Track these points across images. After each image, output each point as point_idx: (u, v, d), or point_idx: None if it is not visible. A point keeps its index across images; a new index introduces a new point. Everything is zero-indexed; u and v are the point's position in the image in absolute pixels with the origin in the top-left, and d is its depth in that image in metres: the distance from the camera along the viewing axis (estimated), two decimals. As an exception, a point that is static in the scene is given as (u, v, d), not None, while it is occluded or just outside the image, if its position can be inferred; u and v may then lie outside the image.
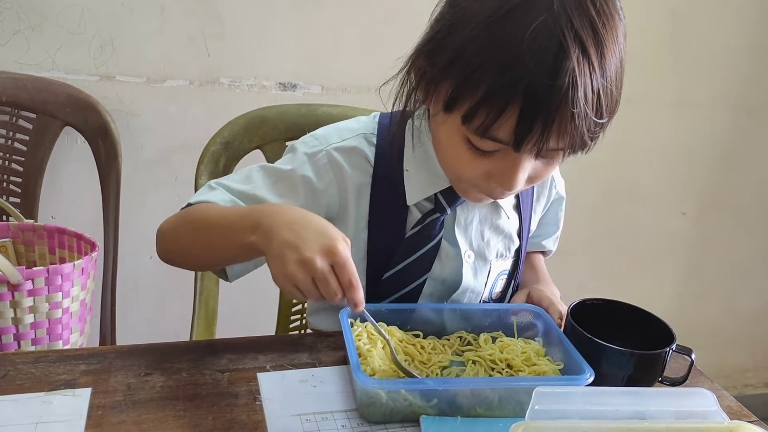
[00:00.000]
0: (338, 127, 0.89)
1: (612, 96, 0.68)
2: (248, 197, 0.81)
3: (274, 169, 0.85)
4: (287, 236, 0.65)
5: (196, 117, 1.41)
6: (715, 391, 0.76)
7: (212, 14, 1.36)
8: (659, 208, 1.88)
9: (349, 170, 0.85)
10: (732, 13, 1.70)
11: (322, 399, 0.72)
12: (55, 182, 1.38)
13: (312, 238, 0.64)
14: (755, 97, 1.82)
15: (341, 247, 0.65)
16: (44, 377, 0.71)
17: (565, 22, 0.63)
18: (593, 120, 0.67)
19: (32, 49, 1.30)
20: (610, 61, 0.66)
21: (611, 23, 0.66)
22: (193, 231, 0.79)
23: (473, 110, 0.67)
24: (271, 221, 0.68)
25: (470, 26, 0.66)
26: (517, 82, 0.64)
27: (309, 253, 0.64)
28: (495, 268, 0.93)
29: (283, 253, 0.65)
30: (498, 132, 0.68)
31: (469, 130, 0.70)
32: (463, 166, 0.75)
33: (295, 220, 0.67)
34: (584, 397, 0.63)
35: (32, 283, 1.00)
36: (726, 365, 2.19)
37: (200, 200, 0.80)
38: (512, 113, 0.65)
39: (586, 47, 0.64)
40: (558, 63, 0.63)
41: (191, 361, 0.76)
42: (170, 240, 0.82)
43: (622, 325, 0.83)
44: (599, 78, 0.65)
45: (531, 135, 0.66)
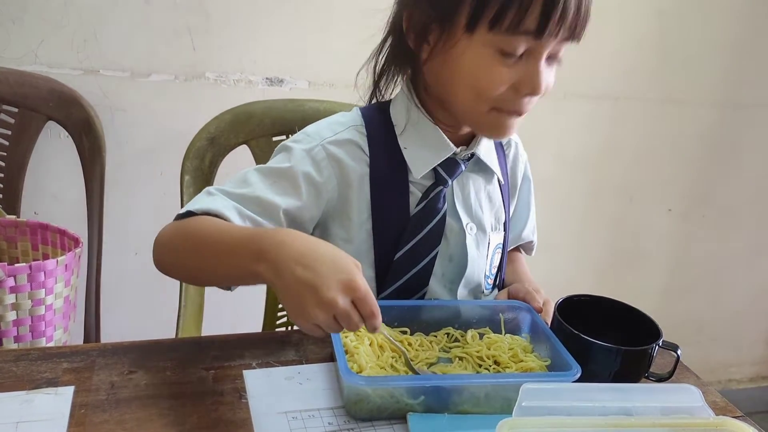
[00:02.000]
0: (328, 123, 0.90)
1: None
2: (251, 200, 0.80)
3: (270, 169, 0.84)
4: (301, 274, 0.62)
5: (182, 112, 1.40)
6: (701, 386, 0.76)
7: (198, 8, 1.34)
8: (645, 205, 1.89)
9: (348, 162, 0.86)
10: (718, 13, 1.71)
11: (309, 396, 0.71)
12: (37, 177, 1.36)
13: (329, 274, 0.61)
14: (741, 95, 1.83)
15: (360, 281, 0.62)
16: (26, 375, 0.70)
17: None
18: (589, 8, 0.77)
19: (13, 43, 1.28)
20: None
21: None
22: (192, 250, 0.76)
23: (502, 11, 0.73)
24: (277, 253, 0.65)
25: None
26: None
27: (330, 293, 0.61)
28: (493, 240, 0.95)
29: (300, 294, 0.62)
30: (527, 23, 0.73)
31: (499, 33, 0.75)
32: (497, 79, 0.78)
33: (304, 253, 0.63)
34: (571, 394, 0.63)
35: (14, 280, 0.98)
36: (710, 360, 2.21)
37: (199, 208, 0.77)
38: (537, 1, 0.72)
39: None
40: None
41: (176, 359, 0.75)
42: (167, 254, 0.79)
43: (609, 321, 0.83)
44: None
45: (553, 17, 0.73)
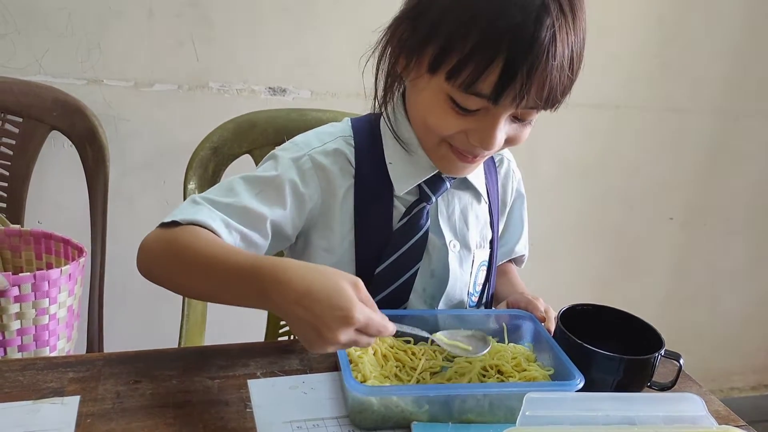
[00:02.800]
0: (317, 132, 0.90)
1: (581, 56, 0.75)
2: (237, 211, 0.79)
3: (257, 178, 0.84)
4: (303, 315, 0.63)
5: (185, 122, 1.41)
6: (703, 395, 0.77)
7: (202, 18, 1.35)
8: (646, 213, 1.90)
9: (334, 173, 0.86)
10: (718, 21, 1.72)
11: (313, 406, 0.72)
12: (41, 187, 1.37)
13: (325, 314, 0.62)
14: (741, 104, 1.84)
15: (357, 313, 0.62)
16: (32, 385, 0.70)
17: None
18: (567, 75, 0.73)
19: (18, 53, 1.29)
20: (579, 23, 0.73)
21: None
22: (184, 270, 0.75)
23: (460, 65, 0.71)
24: (278, 294, 0.64)
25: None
26: (503, 35, 0.69)
27: (330, 334, 0.62)
28: (477, 257, 0.95)
29: (306, 333, 0.64)
30: (482, 86, 0.72)
31: (454, 87, 0.73)
32: (445, 124, 0.78)
33: (302, 294, 0.63)
34: (574, 403, 0.63)
35: (19, 289, 0.99)
36: (712, 369, 2.21)
37: (185, 219, 0.76)
38: (497, 65, 0.70)
39: (562, 7, 0.71)
40: (540, 18, 0.69)
41: (181, 368, 0.76)
42: (156, 267, 0.78)
43: (611, 330, 0.83)
44: (572, 36, 0.72)
45: (512, 87, 0.71)
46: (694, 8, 1.68)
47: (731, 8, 1.72)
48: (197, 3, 1.34)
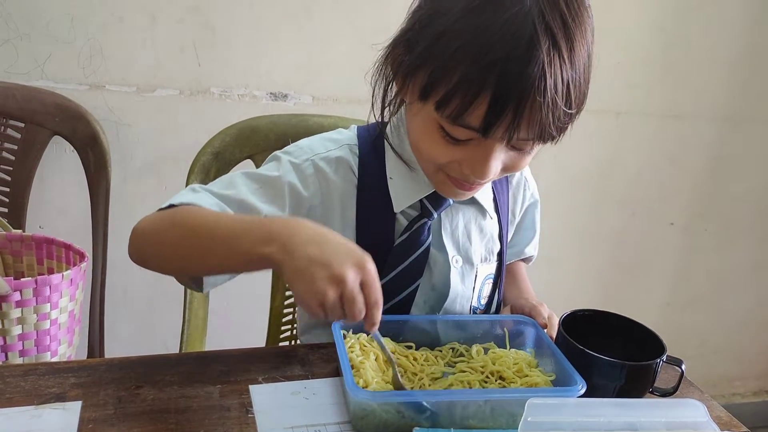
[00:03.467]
0: (322, 138, 0.90)
1: (580, 88, 0.71)
2: (234, 202, 0.79)
3: (258, 175, 0.84)
4: (313, 252, 0.63)
5: (187, 127, 1.41)
6: (705, 401, 0.77)
7: (203, 24, 1.36)
8: (647, 219, 1.90)
9: (335, 180, 0.86)
10: (719, 28, 1.73)
11: (315, 411, 0.72)
12: (43, 192, 1.37)
13: (341, 253, 0.63)
14: (741, 110, 1.84)
15: (370, 265, 0.64)
16: (34, 390, 0.70)
17: (537, 14, 0.66)
18: (562, 110, 0.70)
19: (21, 58, 1.29)
20: (579, 54, 0.69)
21: (580, 19, 0.70)
22: (183, 234, 0.74)
23: (447, 96, 0.70)
24: (289, 236, 0.65)
25: (447, 16, 0.69)
26: (490, 69, 0.67)
27: (341, 268, 0.62)
28: (481, 272, 0.94)
29: (311, 271, 0.63)
30: (470, 119, 0.70)
31: (443, 117, 0.72)
32: (437, 153, 0.77)
33: (316, 238, 0.64)
34: (576, 409, 0.63)
35: (20, 294, 0.99)
36: (713, 374, 2.20)
37: (184, 202, 0.77)
38: (484, 99, 0.68)
39: (556, 39, 0.67)
40: (529, 52, 0.66)
41: (182, 374, 0.76)
42: (150, 241, 0.78)
43: (612, 335, 0.83)
44: (569, 69, 0.69)
45: (501, 121, 0.69)
46: (695, 15, 1.69)
47: (732, 15, 1.72)
48: (199, 9, 1.35)
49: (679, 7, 1.67)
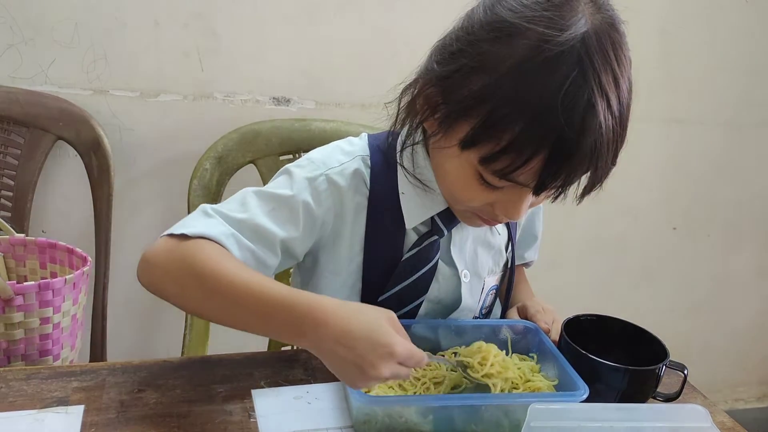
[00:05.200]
0: (333, 150, 0.87)
1: (623, 142, 0.72)
2: (249, 228, 0.77)
3: (271, 195, 0.81)
4: (345, 355, 0.63)
5: (190, 131, 1.41)
6: (709, 406, 0.77)
7: (206, 29, 1.36)
8: (650, 223, 1.89)
9: (349, 194, 0.84)
10: (722, 32, 1.73)
11: (317, 416, 0.72)
12: (46, 196, 1.37)
13: (368, 353, 0.63)
14: (745, 114, 1.84)
15: (399, 349, 0.63)
16: (36, 394, 0.70)
17: (593, 76, 0.65)
18: (610, 168, 0.72)
19: (25, 63, 1.30)
20: (626, 108, 0.70)
21: (626, 71, 0.70)
22: (205, 293, 0.71)
23: (497, 155, 0.68)
24: (316, 334, 0.65)
25: (497, 72, 0.67)
26: (546, 136, 0.66)
27: (374, 372, 0.63)
28: (487, 284, 0.94)
29: (348, 371, 0.64)
30: (519, 177, 0.70)
31: (487, 171, 0.71)
32: (470, 196, 0.76)
33: (342, 333, 0.64)
34: (579, 414, 0.63)
35: (23, 298, 0.99)
36: (717, 380, 2.20)
37: (196, 232, 0.73)
38: (537, 162, 0.67)
39: (610, 101, 0.67)
40: (587, 119, 0.66)
41: (185, 378, 0.76)
42: (163, 278, 0.75)
43: (615, 340, 0.83)
44: (619, 129, 0.69)
45: (554, 183, 0.70)
46: (698, 19, 1.69)
47: (736, 20, 1.72)
48: (202, 14, 1.35)
49: (682, 11, 1.67)
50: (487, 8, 0.72)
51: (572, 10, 0.67)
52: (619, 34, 0.69)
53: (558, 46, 0.65)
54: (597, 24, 0.67)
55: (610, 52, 0.67)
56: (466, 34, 0.73)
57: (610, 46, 0.67)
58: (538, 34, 0.66)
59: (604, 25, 0.68)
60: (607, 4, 0.71)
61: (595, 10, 0.68)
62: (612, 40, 0.68)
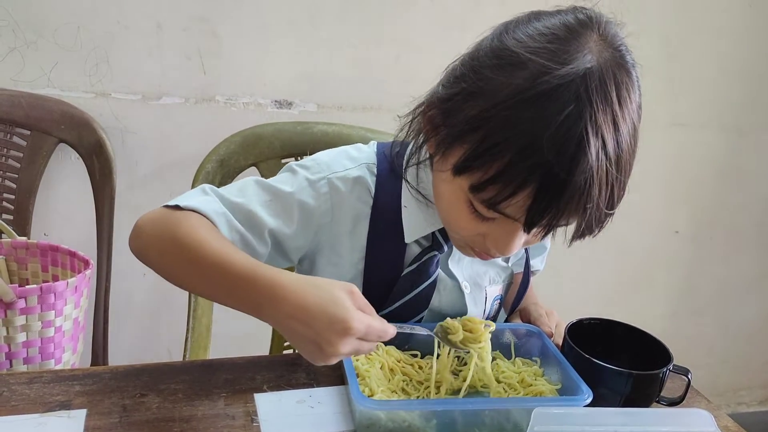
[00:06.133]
0: (340, 155, 0.87)
1: (624, 187, 0.69)
2: (241, 211, 0.78)
3: (271, 186, 0.82)
4: (302, 331, 0.62)
5: (192, 135, 1.41)
6: (712, 410, 0.76)
7: (208, 32, 1.36)
8: (653, 228, 1.89)
9: (350, 201, 0.83)
10: (724, 37, 1.73)
11: (320, 420, 0.71)
12: (48, 199, 1.37)
13: (324, 329, 0.61)
14: (747, 119, 1.84)
15: (356, 324, 0.61)
16: (39, 398, 0.70)
17: (590, 114, 0.63)
18: (604, 212, 0.68)
19: (27, 66, 1.30)
20: (627, 153, 0.67)
21: (630, 113, 0.67)
22: (181, 262, 0.72)
23: (485, 184, 0.67)
24: (274, 308, 0.64)
25: (493, 100, 0.66)
26: (534, 169, 0.64)
27: (332, 348, 0.61)
28: (490, 294, 0.93)
29: (306, 348, 0.63)
30: (507, 208, 0.68)
31: (476, 199, 0.70)
32: (462, 225, 0.75)
33: (298, 308, 0.63)
34: (583, 418, 0.63)
35: (25, 302, 0.99)
36: (719, 383, 2.19)
37: (190, 206, 0.75)
38: (525, 195, 0.66)
39: (606, 142, 0.64)
40: (578, 158, 0.63)
41: (187, 382, 0.76)
42: (151, 246, 0.76)
43: (618, 344, 0.83)
44: (614, 172, 0.66)
45: (541, 219, 0.67)
46: (701, 24, 1.69)
47: (739, 24, 1.72)
48: (204, 17, 1.35)
49: (684, 15, 1.67)
50: (496, 36, 0.72)
51: (579, 45, 0.65)
52: (627, 75, 0.67)
53: (556, 80, 0.63)
54: (604, 61, 0.65)
55: (612, 91, 0.65)
56: (471, 59, 0.72)
57: (613, 85, 0.65)
58: (538, 65, 0.64)
59: (611, 63, 0.66)
60: (619, 42, 0.69)
61: (605, 47, 0.66)
62: (617, 80, 0.65)
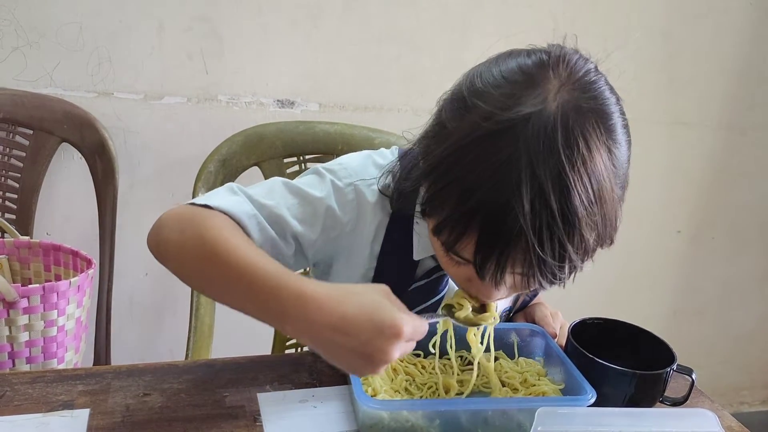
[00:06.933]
0: (366, 160, 0.85)
1: (582, 242, 0.63)
2: (270, 214, 0.76)
3: (299, 190, 0.80)
4: (343, 343, 0.59)
5: (194, 134, 1.41)
6: (716, 411, 0.76)
7: (211, 32, 1.36)
8: (654, 227, 1.89)
9: (374, 211, 0.82)
10: (725, 35, 1.72)
11: (323, 420, 0.71)
12: (51, 199, 1.37)
13: (374, 338, 0.58)
14: (749, 117, 1.84)
15: (407, 328, 0.59)
16: (42, 398, 0.70)
17: (526, 162, 0.60)
18: (553, 263, 0.63)
19: (30, 66, 1.30)
20: (579, 206, 0.61)
21: (587, 163, 0.61)
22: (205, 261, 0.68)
23: (439, 227, 0.67)
24: (305, 317, 0.60)
25: (444, 145, 0.66)
26: (474, 213, 0.63)
27: (383, 356, 0.59)
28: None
29: (353, 362, 0.60)
30: (463, 252, 0.66)
31: (438, 242, 0.69)
32: (445, 267, 0.74)
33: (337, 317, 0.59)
34: (586, 418, 0.63)
35: (28, 301, 0.99)
36: (721, 383, 2.19)
37: (219, 206, 0.72)
38: (471, 240, 0.64)
39: (544, 192, 0.60)
40: (512, 204, 0.60)
41: (190, 381, 0.76)
42: (171, 247, 0.72)
43: (622, 344, 0.83)
44: (560, 226, 0.61)
45: (490, 263, 0.64)
46: (702, 23, 1.69)
47: (739, 23, 1.72)
48: (207, 17, 1.35)
49: (685, 14, 1.66)
50: (462, 80, 0.70)
51: (532, 87, 0.63)
52: (591, 119, 0.62)
53: (497, 125, 0.61)
54: (558, 106, 0.61)
55: (559, 138, 0.60)
56: (442, 100, 0.71)
57: (561, 131, 0.60)
58: (483, 111, 0.63)
59: (568, 107, 0.62)
60: (588, 81, 0.65)
61: (566, 90, 0.63)
62: (568, 126, 0.61)
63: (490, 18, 1.51)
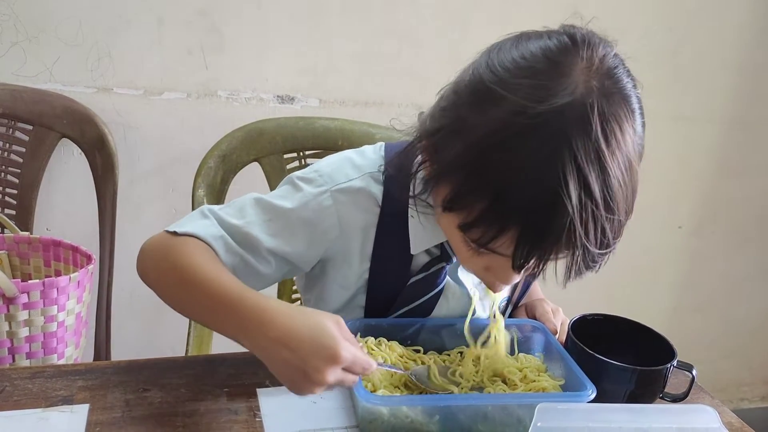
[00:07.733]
0: (343, 163, 0.83)
1: (619, 225, 0.65)
2: (239, 233, 0.77)
3: (270, 205, 0.79)
4: (286, 356, 0.62)
5: (194, 130, 1.41)
6: (716, 407, 0.76)
7: (211, 27, 1.36)
8: (656, 222, 1.89)
9: (355, 213, 0.80)
10: (728, 30, 1.72)
11: (323, 415, 0.71)
12: (50, 194, 1.37)
13: (312, 356, 0.61)
14: (752, 112, 1.83)
15: (344, 353, 0.61)
16: (41, 393, 0.70)
17: (569, 156, 0.59)
18: (596, 252, 0.64)
19: (30, 61, 1.30)
20: (618, 191, 0.63)
21: (623, 147, 0.63)
22: (178, 286, 0.73)
23: (469, 225, 0.65)
24: (259, 331, 0.64)
25: (469, 140, 0.63)
26: (511, 215, 0.62)
27: (319, 375, 0.61)
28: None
29: (292, 375, 0.63)
30: (496, 247, 0.65)
31: (466, 238, 0.67)
32: (463, 258, 0.73)
33: (286, 334, 0.62)
34: (586, 414, 0.63)
35: (27, 297, 0.99)
36: (722, 379, 2.19)
37: (189, 231, 0.75)
38: (509, 237, 0.63)
39: (589, 184, 0.60)
40: (555, 203, 0.60)
41: (190, 377, 0.76)
42: (151, 272, 0.78)
43: (622, 339, 0.83)
44: (603, 213, 0.62)
45: (527, 262, 0.64)
46: (704, 17, 1.68)
47: (741, 17, 1.72)
48: (206, 12, 1.35)
49: (687, 9, 1.66)
50: (476, 67, 0.67)
51: (562, 76, 0.61)
52: (620, 105, 0.63)
53: (531, 119, 0.60)
54: (588, 93, 0.61)
55: (596, 127, 0.60)
56: (453, 91, 0.69)
57: (598, 119, 0.60)
58: (513, 104, 0.61)
59: (598, 94, 0.61)
60: (611, 66, 0.64)
61: (592, 76, 0.62)
62: (604, 113, 0.61)
63: (490, 13, 1.51)
